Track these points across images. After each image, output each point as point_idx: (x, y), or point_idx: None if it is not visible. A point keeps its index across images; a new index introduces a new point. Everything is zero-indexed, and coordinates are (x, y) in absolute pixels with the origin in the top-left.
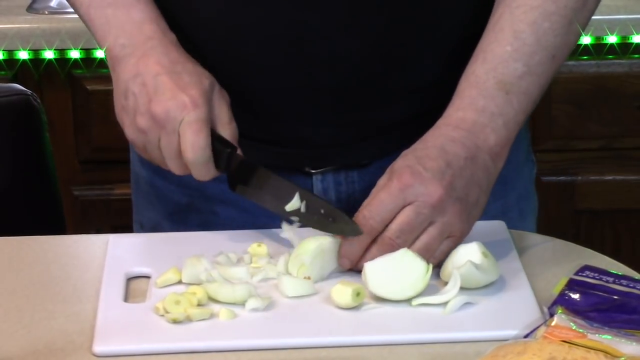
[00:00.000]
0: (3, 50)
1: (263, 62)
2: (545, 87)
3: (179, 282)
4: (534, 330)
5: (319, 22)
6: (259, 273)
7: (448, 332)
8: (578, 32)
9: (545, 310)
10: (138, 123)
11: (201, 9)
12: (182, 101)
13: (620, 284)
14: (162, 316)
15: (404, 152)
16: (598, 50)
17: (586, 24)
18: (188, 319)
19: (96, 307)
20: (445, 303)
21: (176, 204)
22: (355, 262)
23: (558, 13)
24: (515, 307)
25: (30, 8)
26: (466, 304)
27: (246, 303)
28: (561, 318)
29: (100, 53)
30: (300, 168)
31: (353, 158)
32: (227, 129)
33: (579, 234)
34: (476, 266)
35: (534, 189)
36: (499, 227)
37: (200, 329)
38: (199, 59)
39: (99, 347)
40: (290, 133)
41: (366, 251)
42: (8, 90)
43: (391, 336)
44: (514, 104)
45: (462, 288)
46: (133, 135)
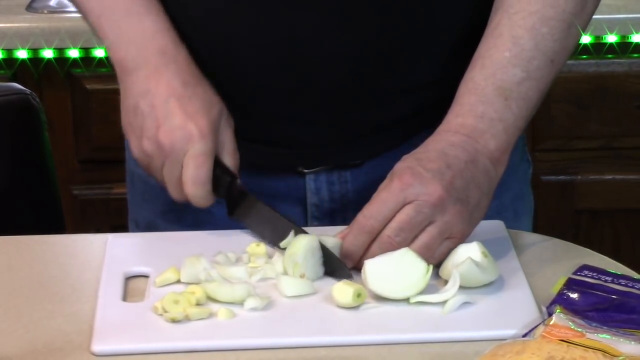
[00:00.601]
0: (2, 49)
1: (256, 62)
2: (544, 92)
3: (178, 282)
4: (533, 329)
5: (313, 23)
6: (258, 273)
7: (447, 332)
8: (577, 36)
9: (543, 309)
10: (144, 146)
11: (194, 10)
12: (189, 131)
13: (619, 284)
14: (161, 315)
15: (405, 156)
16: (598, 49)
17: (585, 28)
18: (187, 319)
19: (95, 307)
20: (444, 302)
21: (171, 203)
22: (356, 261)
23: (556, 18)
24: (513, 307)
25: (29, 7)
26: (465, 304)
27: (245, 302)
28: (560, 317)
29: (99, 52)
30: (293, 168)
31: (346, 158)
32: (231, 159)
33: (579, 234)
34: (476, 265)
35: (530, 190)
36: (498, 227)
37: (199, 329)
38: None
39: (98, 347)
40: (283, 133)
41: (367, 250)
42: (7, 89)
43: (390, 336)
44: (514, 109)
45: (461, 287)
46: (138, 155)
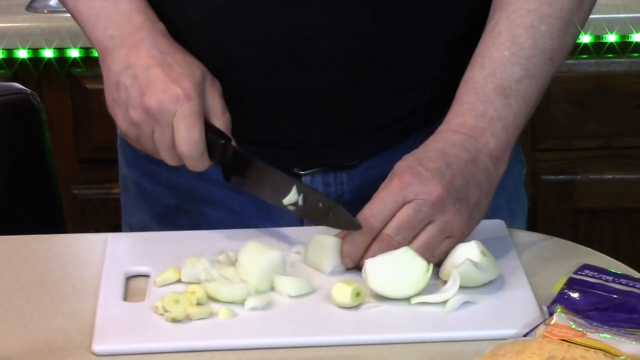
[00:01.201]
0: (2, 49)
1: (252, 62)
2: (544, 90)
3: (179, 281)
4: (534, 329)
5: (309, 23)
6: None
7: (447, 331)
8: (575, 34)
9: (544, 309)
10: (131, 116)
11: (190, 9)
12: (175, 94)
13: (619, 283)
14: (162, 315)
15: (405, 156)
16: (597, 49)
17: (583, 25)
18: (187, 318)
19: (95, 306)
20: (444, 302)
21: (165, 206)
22: (357, 261)
23: (554, 15)
24: (514, 306)
25: (29, 7)
26: (465, 303)
27: (245, 302)
28: (560, 317)
29: None
30: (288, 169)
31: (342, 158)
32: (221, 120)
33: (579, 233)
34: (475, 265)
35: (524, 189)
36: (498, 226)
37: (199, 328)
38: None
39: (98, 346)
40: (278, 133)
41: (367, 249)
42: (7, 89)
43: (390, 335)
44: (513, 108)
45: (462, 287)
46: (126, 127)
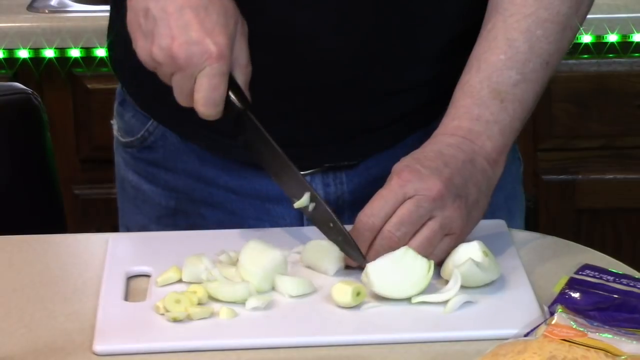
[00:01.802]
0: (3, 49)
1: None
2: (540, 94)
3: (180, 281)
4: (534, 329)
5: (308, 22)
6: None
7: (448, 331)
8: (571, 38)
9: (545, 309)
10: (154, 53)
11: None
12: (208, 49)
13: (620, 283)
14: (163, 315)
15: (403, 158)
16: (599, 49)
17: (579, 29)
18: (188, 318)
19: (96, 306)
20: (445, 302)
21: (163, 208)
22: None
23: (551, 20)
24: (515, 306)
25: (30, 7)
26: (466, 303)
27: (246, 302)
28: (561, 317)
29: (101, 52)
30: None
31: (341, 158)
32: (243, 73)
33: (580, 233)
34: (477, 265)
35: (522, 189)
36: (499, 226)
37: (200, 328)
38: None
39: (99, 346)
40: (277, 132)
41: (369, 248)
42: (9, 89)
43: (391, 335)
44: (509, 111)
45: (463, 287)
46: (145, 59)
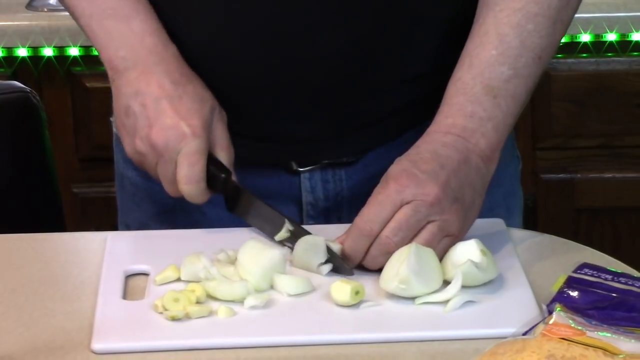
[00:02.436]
0: (2, 47)
1: (246, 58)
2: (532, 88)
3: (178, 280)
4: (533, 327)
5: (303, 18)
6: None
7: (447, 330)
8: (562, 32)
9: (544, 307)
10: (137, 145)
11: (185, 7)
12: (182, 131)
13: (619, 282)
14: (161, 314)
15: (397, 159)
16: (597, 48)
17: (569, 22)
18: (187, 317)
19: (95, 305)
20: (446, 301)
21: (163, 205)
22: (356, 265)
23: (541, 14)
24: (513, 305)
25: (29, 5)
26: (465, 302)
27: (245, 301)
28: (560, 316)
29: None
30: (286, 164)
31: (339, 153)
32: (225, 154)
33: (579, 232)
34: (476, 265)
35: (520, 186)
36: (497, 225)
37: (199, 327)
38: (182, 56)
39: (98, 345)
40: (274, 129)
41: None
42: (8, 87)
43: (390, 334)
44: (502, 107)
45: (461, 286)
46: (131, 153)
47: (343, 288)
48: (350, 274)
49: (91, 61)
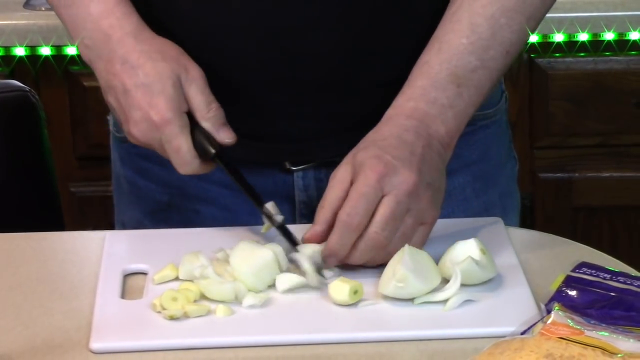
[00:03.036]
0: (0, 46)
1: (242, 55)
2: (497, 81)
3: (176, 279)
4: (531, 327)
5: (299, 15)
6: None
7: (445, 329)
8: (534, 29)
9: (542, 307)
10: (131, 140)
11: (177, 3)
12: (153, 122)
13: (617, 281)
14: (159, 313)
15: (363, 143)
16: (595, 47)
17: (541, 21)
18: (185, 316)
19: (93, 304)
20: (445, 300)
21: (157, 203)
22: (341, 259)
23: (516, 10)
24: (512, 304)
25: (26, 4)
26: (463, 301)
27: (243, 300)
28: (558, 315)
29: None
30: (280, 163)
31: (332, 152)
32: (207, 120)
33: (577, 231)
34: (476, 263)
35: (516, 186)
36: (496, 224)
37: (197, 326)
38: None
39: (96, 344)
40: (268, 126)
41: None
42: (6, 86)
43: (389, 333)
44: (465, 97)
45: (461, 284)
46: (135, 143)
47: (341, 287)
48: (320, 286)
49: None
